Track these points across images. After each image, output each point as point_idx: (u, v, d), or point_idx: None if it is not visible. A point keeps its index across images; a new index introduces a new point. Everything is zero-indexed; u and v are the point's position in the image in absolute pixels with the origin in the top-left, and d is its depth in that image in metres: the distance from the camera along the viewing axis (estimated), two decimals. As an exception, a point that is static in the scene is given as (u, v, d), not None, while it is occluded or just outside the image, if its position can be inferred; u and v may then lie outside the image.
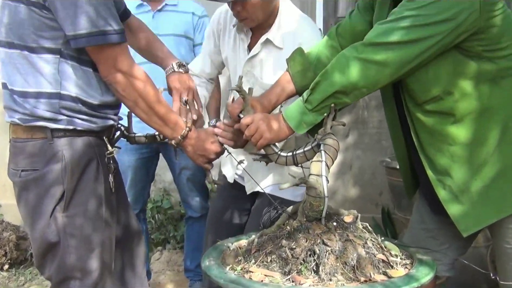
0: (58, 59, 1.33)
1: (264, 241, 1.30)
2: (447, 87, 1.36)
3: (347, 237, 1.22)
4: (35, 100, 1.33)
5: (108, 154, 1.43)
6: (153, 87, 1.39)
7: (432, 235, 1.59)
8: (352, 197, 3.62)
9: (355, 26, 1.60)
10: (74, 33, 1.26)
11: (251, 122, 1.40)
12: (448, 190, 1.42)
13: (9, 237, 3.21)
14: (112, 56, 1.32)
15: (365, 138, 3.51)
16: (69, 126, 1.35)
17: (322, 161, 1.27)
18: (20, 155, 1.37)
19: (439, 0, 1.25)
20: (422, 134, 1.44)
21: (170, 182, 3.52)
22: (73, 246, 1.36)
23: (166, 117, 1.42)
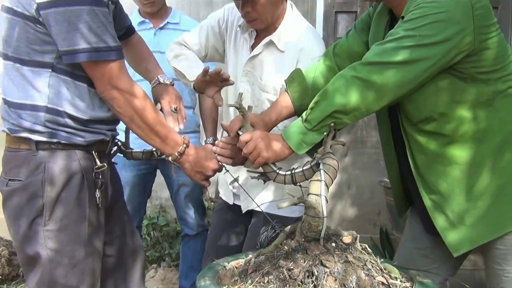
0: (49, 73, 1.33)
1: (261, 261, 1.28)
2: (440, 108, 1.37)
3: (346, 259, 1.20)
4: (22, 111, 1.34)
5: (97, 169, 1.41)
6: (150, 104, 1.39)
7: (424, 254, 1.59)
8: (350, 217, 3.59)
9: (352, 47, 1.62)
10: (66, 48, 1.27)
11: (249, 139, 1.39)
12: (439, 209, 1.43)
13: (1, 252, 3.16)
14: (107, 73, 1.32)
15: (364, 158, 3.50)
16: (52, 139, 1.35)
17: (322, 181, 1.25)
18: (9, 164, 1.39)
19: (436, 21, 1.27)
20: (417, 155, 1.45)
21: (166, 198, 3.50)
22: (54, 261, 1.35)
23: (163, 134, 1.42)
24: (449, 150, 1.40)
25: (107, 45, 1.29)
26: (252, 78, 1.81)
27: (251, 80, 1.81)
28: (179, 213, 2.74)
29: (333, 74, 1.56)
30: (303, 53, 1.74)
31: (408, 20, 1.30)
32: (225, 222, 1.99)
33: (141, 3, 2.54)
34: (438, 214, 1.43)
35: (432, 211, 1.44)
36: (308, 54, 1.74)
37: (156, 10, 2.57)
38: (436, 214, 1.43)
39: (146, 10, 2.57)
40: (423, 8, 1.29)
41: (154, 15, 2.60)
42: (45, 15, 1.25)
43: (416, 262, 1.54)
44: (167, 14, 2.63)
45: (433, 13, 1.27)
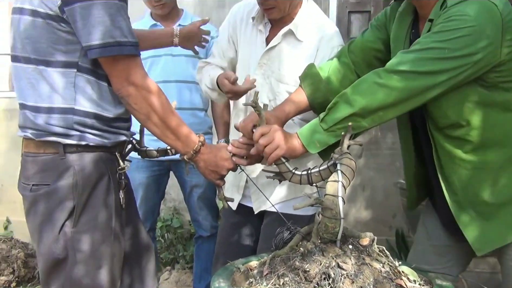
0: (74, 73, 1.32)
1: (277, 263, 1.26)
2: (466, 115, 1.38)
3: (363, 261, 1.18)
4: (48, 115, 1.33)
5: (120, 170, 1.42)
6: (166, 100, 1.38)
7: (438, 252, 1.59)
8: (365, 219, 3.56)
9: (366, 42, 1.63)
10: (90, 43, 1.26)
11: (267, 131, 1.39)
12: (464, 211, 1.43)
13: (17, 255, 3.19)
14: (125, 68, 1.31)
15: (379, 159, 3.47)
16: (81, 142, 1.34)
17: (339, 181, 1.23)
18: (31, 169, 1.36)
19: (466, 35, 1.27)
20: (443, 158, 1.45)
21: (180, 200, 3.50)
22: (81, 262, 1.34)
23: (179, 131, 1.41)
24: (474, 155, 1.41)
25: (129, 40, 1.29)
26: (268, 71, 1.78)
27: (266, 73, 1.79)
28: (192, 214, 2.73)
29: (348, 70, 1.61)
30: (323, 42, 1.73)
31: (438, 32, 1.30)
32: (233, 225, 1.97)
33: (151, 5, 2.55)
34: (462, 214, 1.43)
35: (456, 211, 1.44)
36: (328, 43, 1.73)
37: (167, 12, 2.57)
38: (460, 214, 1.43)
39: (157, 12, 2.57)
40: (454, 21, 1.29)
41: (165, 17, 2.60)
42: (69, 11, 1.25)
43: (430, 259, 1.55)
44: (178, 17, 2.63)
45: (464, 27, 1.27)
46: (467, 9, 1.28)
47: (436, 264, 1.53)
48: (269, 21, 1.81)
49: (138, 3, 2.75)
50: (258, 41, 1.81)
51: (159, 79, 2.54)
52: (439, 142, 1.44)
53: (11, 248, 3.22)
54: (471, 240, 1.42)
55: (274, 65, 1.77)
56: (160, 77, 2.55)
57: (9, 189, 3.83)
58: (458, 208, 1.44)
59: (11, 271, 3.15)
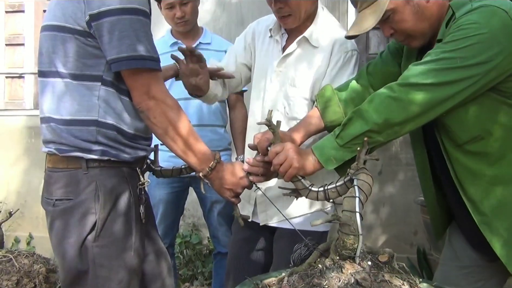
0: (99, 86, 1.36)
1: (295, 280, 1.25)
2: (486, 126, 1.35)
3: (382, 278, 1.16)
4: (72, 127, 1.36)
5: (140, 185, 1.44)
6: (184, 117, 1.40)
7: (467, 272, 1.55)
8: (385, 236, 3.50)
9: (386, 67, 1.61)
10: (116, 56, 1.30)
11: (281, 150, 1.39)
12: (495, 231, 1.38)
13: (39, 270, 3.21)
14: (147, 83, 1.35)
15: (399, 175, 3.43)
16: (103, 157, 1.36)
17: (356, 197, 1.22)
18: (55, 184, 1.39)
19: (477, 43, 1.25)
20: (463, 176, 1.42)
21: (199, 217, 3.51)
22: (102, 276, 1.35)
23: (196, 148, 1.42)
24: (495, 168, 1.38)
25: (151, 55, 1.33)
26: (284, 78, 1.80)
27: (282, 81, 1.80)
28: (211, 230, 2.73)
29: (367, 92, 1.58)
30: (336, 46, 1.74)
31: (449, 42, 1.29)
32: (243, 240, 1.96)
33: (173, 23, 2.59)
34: (493, 235, 1.39)
35: (486, 232, 1.39)
36: (341, 47, 1.74)
37: (189, 29, 2.61)
38: (491, 235, 1.39)
39: (179, 30, 2.61)
40: (464, 30, 1.28)
41: (186, 35, 2.64)
42: (96, 26, 1.29)
43: (457, 281, 1.51)
44: (199, 35, 2.67)
45: (475, 34, 1.26)
46: (476, 17, 1.27)
47: (464, 285, 1.49)
48: (286, 31, 1.83)
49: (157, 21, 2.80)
50: (275, 51, 1.84)
51: (180, 96, 2.55)
52: (458, 161, 1.41)
53: (33, 263, 3.24)
54: (506, 261, 1.37)
55: (289, 72, 1.79)
56: (181, 94, 2.56)
57: (32, 205, 3.90)
58: (488, 229, 1.39)
59: (33, 286, 3.17)
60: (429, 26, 1.41)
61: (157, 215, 2.63)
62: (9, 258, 3.18)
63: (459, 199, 1.44)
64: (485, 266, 1.51)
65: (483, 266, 1.51)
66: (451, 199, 1.52)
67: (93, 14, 1.29)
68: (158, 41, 2.68)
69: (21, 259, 3.23)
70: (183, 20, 2.56)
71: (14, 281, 3.09)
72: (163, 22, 2.72)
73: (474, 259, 1.52)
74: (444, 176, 1.50)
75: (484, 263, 1.50)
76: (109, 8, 1.28)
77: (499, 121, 1.35)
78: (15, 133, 4.22)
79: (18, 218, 3.76)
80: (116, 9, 1.28)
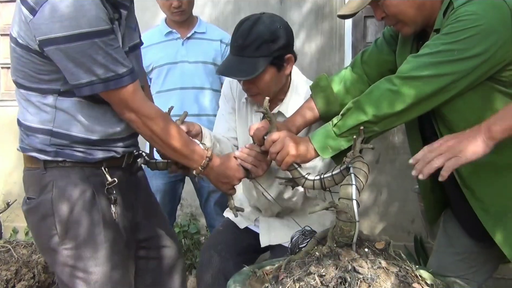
0: (55, 98, 1.33)
1: (292, 267, 1.26)
2: (484, 115, 1.34)
3: (379, 264, 1.17)
4: (30, 132, 1.36)
5: (108, 184, 1.40)
6: (165, 123, 1.38)
7: (461, 258, 1.57)
8: (382, 225, 3.52)
9: (381, 55, 1.61)
10: (75, 83, 1.27)
11: (277, 138, 1.40)
12: (493, 218, 1.39)
13: (38, 260, 3.23)
14: (122, 99, 1.32)
15: (396, 164, 3.43)
16: (58, 158, 1.35)
17: (353, 184, 1.23)
18: (26, 183, 1.42)
19: (475, 34, 1.25)
20: (462, 167, 1.40)
21: (197, 206, 3.51)
22: (76, 277, 1.36)
23: (183, 150, 1.42)
24: (492, 157, 1.35)
25: (116, 73, 1.27)
26: None
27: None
28: (208, 220, 2.74)
29: (361, 81, 1.59)
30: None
31: (447, 34, 1.29)
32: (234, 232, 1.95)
33: (170, 12, 2.57)
34: (491, 222, 1.40)
35: (485, 219, 1.40)
36: None
37: (185, 18, 2.60)
38: (489, 222, 1.40)
39: (175, 19, 2.60)
40: (462, 21, 1.27)
41: (181, 24, 2.63)
42: (48, 51, 1.23)
43: (452, 267, 1.52)
44: (193, 24, 2.66)
45: (473, 26, 1.26)
46: (475, 8, 1.27)
47: (458, 271, 1.50)
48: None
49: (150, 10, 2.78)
50: (254, 120, 1.80)
51: (176, 86, 2.57)
52: None
53: (32, 253, 3.26)
54: (504, 248, 1.38)
55: None
56: (177, 84, 2.57)
57: (30, 195, 3.90)
58: (486, 216, 1.40)
59: (32, 276, 3.19)
60: (420, 13, 1.41)
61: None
62: (8, 248, 3.19)
63: (456, 187, 1.45)
64: (479, 253, 1.52)
65: (477, 253, 1.53)
66: (447, 187, 1.53)
67: (41, 40, 1.22)
68: (153, 31, 2.67)
69: (20, 249, 3.24)
70: (180, 9, 2.55)
71: (13, 271, 3.11)
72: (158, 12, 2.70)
73: (469, 246, 1.54)
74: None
75: (478, 249, 1.51)
76: (56, 36, 1.19)
77: (496, 110, 1.34)
78: (11, 124, 4.20)
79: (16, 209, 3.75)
80: (63, 37, 1.19)
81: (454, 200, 1.54)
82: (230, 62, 1.65)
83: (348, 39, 3.59)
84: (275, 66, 1.65)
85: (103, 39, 1.23)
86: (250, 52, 1.60)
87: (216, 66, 2.65)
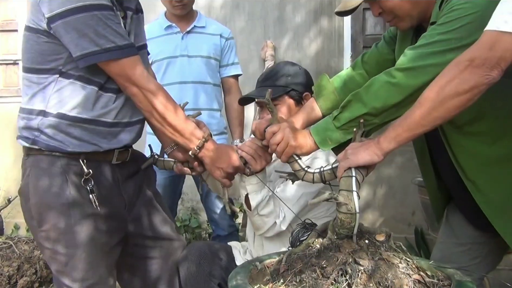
0: (56, 78, 1.40)
1: (293, 260, 1.26)
2: (485, 106, 1.35)
3: (380, 256, 1.17)
4: (22, 115, 1.44)
5: (86, 175, 1.43)
6: (165, 98, 1.43)
7: (464, 250, 1.58)
8: (383, 217, 3.53)
9: (382, 55, 1.63)
10: (79, 54, 1.34)
11: (277, 130, 1.40)
12: (499, 212, 1.40)
13: (39, 255, 3.24)
14: (122, 71, 1.38)
15: (397, 157, 3.44)
16: (34, 146, 1.42)
17: (353, 176, 1.23)
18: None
19: (470, 22, 1.25)
20: (462, 158, 1.43)
21: (197, 201, 3.53)
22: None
23: (181, 127, 1.45)
24: (494, 149, 1.39)
25: (116, 45, 1.35)
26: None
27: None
28: (209, 214, 2.75)
29: (362, 79, 1.60)
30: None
31: (443, 23, 1.29)
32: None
33: (171, 6, 2.57)
34: (496, 214, 1.40)
35: (489, 212, 1.41)
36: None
37: (186, 12, 2.59)
38: (494, 215, 1.41)
39: (175, 13, 2.59)
40: (457, 10, 1.27)
41: (181, 18, 2.62)
42: (55, 27, 1.33)
43: (455, 258, 1.53)
44: (193, 18, 2.65)
45: (467, 14, 1.26)
46: None
47: (461, 262, 1.51)
48: None
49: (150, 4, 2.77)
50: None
51: (175, 80, 2.57)
52: (458, 143, 1.42)
53: (34, 249, 3.26)
54: (508, 239, 1.39)
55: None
56: (177, 78, 2.57)
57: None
58: (489, 208, 1.41)
59: (34, 272, 3.20)
60: (416, 7, 1.41)
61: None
62: (9, 245, 3.20)
63: (458, 181, 1.45)
64: (482, 243, 1.53)
65: (480, 243, 1.54)
66: (449, 180, 1.54)
67: (49, 17, 1.33)
68: (152, 24, 2.67)
69: (22, 245, 3.25)
70: (182, 3, 2.54)
71: (15, 267, 3.12)
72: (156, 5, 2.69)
73: (472, 237, 1.55)
74: (441, 158, 1.51)
75: (482, 240, 1.52)
76: (62, 10, 1.31)
77: (497, 100, 1.35)
78: (11, 120, 4.20)
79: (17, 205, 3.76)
80: (67, 10, 1.31)
81: (457, 193, 1.55)
82: (251, 92, 1.81)
83: (348, 31, 3.58)
84: (293, 99, 1.77)
85: (102, 13, 1.34)
86: (271, 82, 1.79)
87: (216, 61, 2.65)
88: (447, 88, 1.16)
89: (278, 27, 3.77)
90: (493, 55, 1.12)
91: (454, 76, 1.16)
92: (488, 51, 1.12)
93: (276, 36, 3.78)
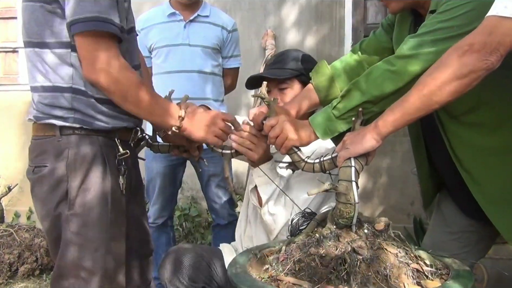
0: (69, 53, 1.34)
1: (293, 249, 1.27)
2: (482, 96, 1.35)
3: (379, 245, 1.18)
4: (47, 94, 1.36)
5: (119, 156, 1.41)
6: (143, 86, 1.36)
7: (455, 238, 1.59)
8: (383, 207, 3.54)
9: (380, 43, 1.62)
10: (72, 18, 1.27)
11: (276, 123, 1.40)
12: (493, 202, 1.40)
13: (40, 243, 3.26)
14: (104, 48, 1.30)
15: (396, 147, 3.44)
16: (75, 125, 1.36)
17: (352, 166, 1.23)
18: (34, 152, 1.41)
19: (471, 9, 1.25)
20: (458, 148, 1.43)
21: (197, 190, 3.53)
22: (77, 244, 1.36)
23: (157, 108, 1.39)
24: (490, 139, 1.39)
25: (112, 19, 1.29)
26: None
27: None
28: (209, 203, 2.76)
29: (360, 68, 1.60)
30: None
31: (443, 11, 1.28)
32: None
33: None
34: (489, 204, 1.41)
35: (483, 202, 1.41)
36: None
37: (193, 1, 2.57)
38: (487, 204, 1.41)
39: (182, 1, 2.57)
40: None
41: (186, 7, 2.60)
42: None
43: (446, 246, 1.54)
44: (198, 7, 2.63)
45: (468, 1, 1.25)
46: None
47: (452, 250, 1.51)
48: None
49: None
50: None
51: (175, 68, 2.55)
52: (454, 133, 1.42)
53: (34, 237, 3.29)
54: (502, 229, 1.40)
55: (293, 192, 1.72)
56: (176, 67, 2.56)
57: (31, 180, 3.91)
58: (484, 198, 1.41)
59: (35, 259, 3.22)
60: None
61: (155, 188, 2.65)
62: (10, 232, 3.22)
63: (453, 170, 1.45)
64: (473, 232, 1.55)
65: (470, 232, 1.55)
66: (443, 169, 1.54)
67: None
68: (155, 10, 2.65)
69: (22, 233, 3.27)
70: None
71: (16, 254, 3.14)
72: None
73: (463, 225, 1.56)
74: (435, 146, 1.51)
75: (472, 228, 1.54)
76: None
77: (494, 91, 1.35)
78: (11, 108, 4.20)
79: (17, 193, 3.78)
80: None
81: (451, 182, 1.55)
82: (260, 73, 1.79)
83: (349, 21, 3.57)
84: (302, 84, 1.73)
85: None
86: (280, 65, 1.77)
87: (217, 52, 2.63)
88: (445, 72, 1.16)
89: (279, 16, 3.75)
90: (492, 40, 1.11)
91: (453, 60, 1.16)
92: (487, 36, 1.12)
93: (277, 25, 3.76)
